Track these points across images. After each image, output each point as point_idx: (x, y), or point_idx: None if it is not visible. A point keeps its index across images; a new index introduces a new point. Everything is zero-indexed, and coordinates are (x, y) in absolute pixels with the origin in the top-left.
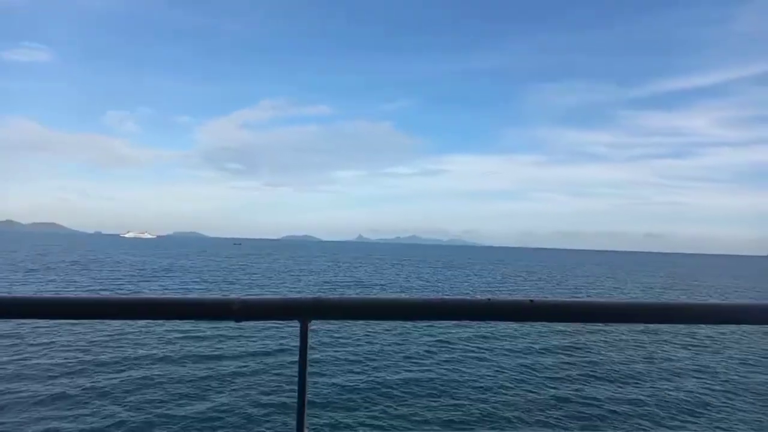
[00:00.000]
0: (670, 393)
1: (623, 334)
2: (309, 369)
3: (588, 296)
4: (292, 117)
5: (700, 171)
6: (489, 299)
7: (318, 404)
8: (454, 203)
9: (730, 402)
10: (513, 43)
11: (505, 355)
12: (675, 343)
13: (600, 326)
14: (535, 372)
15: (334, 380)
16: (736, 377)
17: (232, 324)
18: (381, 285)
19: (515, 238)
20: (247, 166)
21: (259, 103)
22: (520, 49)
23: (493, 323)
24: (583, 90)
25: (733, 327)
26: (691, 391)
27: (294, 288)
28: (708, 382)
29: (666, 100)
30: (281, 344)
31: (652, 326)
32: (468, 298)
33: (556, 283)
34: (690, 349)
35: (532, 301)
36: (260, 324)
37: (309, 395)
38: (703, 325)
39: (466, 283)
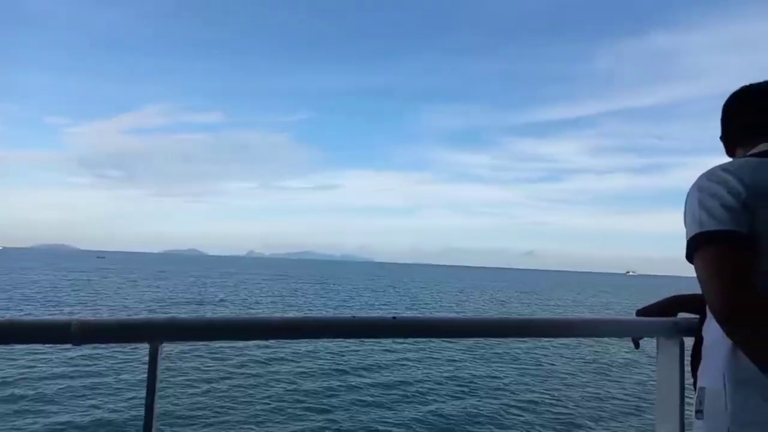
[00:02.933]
0: (527, 405)
1: (485, 348)
2: (160, 398)
3: (451, 313)
4: (180, 124)
5: (569, 194)
6: (353, 316)
7: None
8: (348, 219)
9: (581, 409)
10: (405, 63)
11: (368, 372)
12: (532, 356)
13: (461, 341)
14: (396, 388)
15: (188, 410)
16: (591, 386)
17: (70, 348)
18: (248, 303)
19: (407, 254)
20: (129, 173)
21: (144, 108)
22: (412, 70)
23: (356, 340)
24: (468, 114)
25: (585, 339)
26: (552, 401)
27: (149, 307)
28: (567, 392)
29: (539, 128)
30: (131, 370)
31: (510, 340)
32: (332, 315)
33: (413, 299)
34: (540, 361)
35: (394, 317)
36: (106, 348)
37: (159, 428)
38: (556, 339)
39: (336, 300)
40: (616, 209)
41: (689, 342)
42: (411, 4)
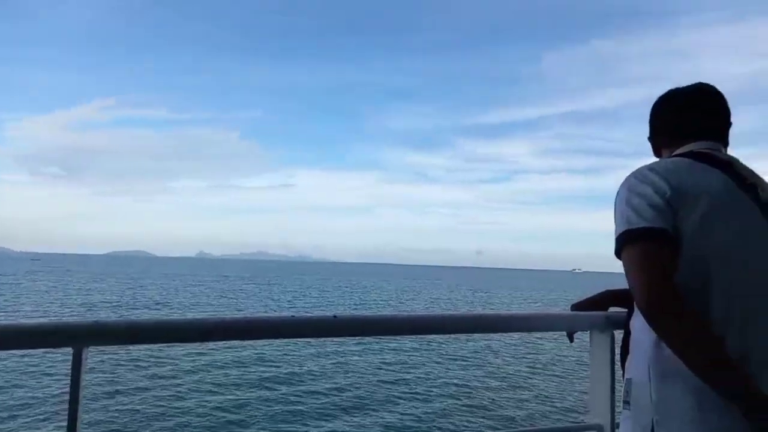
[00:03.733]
0: (465, 400)
1: (426, 345)
2: (84, 405)
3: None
4: (126, 119)
5: (519, 195)
6: (292, 316)
7: None
8: (303, 218)
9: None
10: (360, 63)
11: (308, 375)
12: (471, 351)
13: (404, 338)
14: (337, 390)
15: (114, 418)
16: (521, 378)
17: None
18: (185, 305)
19: (363, 254)
20: (71, 171)
21: (88, 103)
22: (367, 70)
23: (296, 340)
24: (423, 114)
25: (524, 334)
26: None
27: (78, 311)
28: (505, 386)
29: (490, 129)
30: (54, 377)
31: (450, 336)
32: (270, 316)
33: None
34: (480, 357)
35: (335, 316)
36: (26, 354)
37: None
38: (495, 334)
39: (281, 300)
40: (563, 208)
41: (620, 335)
42: (364, 5)
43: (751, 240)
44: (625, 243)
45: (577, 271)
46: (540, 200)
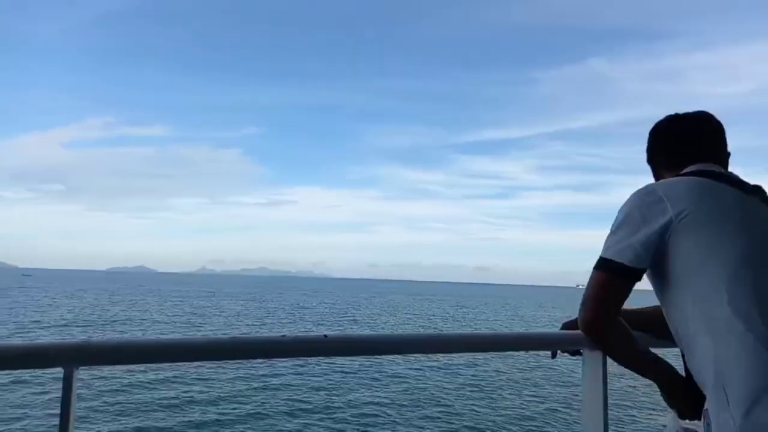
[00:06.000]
0: (456, 421)
1: (419, 364)
2: (76, 428)
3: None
4: (123, 137)
5: (517, 211)
6: (284, 336)
7: None
8: (301, 235)
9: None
10: (355, 82)
11: (301, 393)
12: (465, 370)
13: (396, 357)
14: (336, 408)
15: None
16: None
17: None
18: (178, 323)
19: (362, 270)
20: (69, 188)
21: (84, 120)
22: (360, 89)
23: (288, 360)
24: (417, 133)
25: (514, 354)
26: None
27: (65, 330)
28: (496, 408)
29: (488, 147)
30: (45, 399)
31: (444, 356)
32: (262, 335)
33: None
34: (473, 376)
35: (326, 336)
36: (15, 375)
37: None
38: (487, 353)
39: (276, 318)
40: (564, 225)
41: None
42: (356, 26)
43: None
44: (595, 265)
45: (581, 287)
46: (540, 216)
